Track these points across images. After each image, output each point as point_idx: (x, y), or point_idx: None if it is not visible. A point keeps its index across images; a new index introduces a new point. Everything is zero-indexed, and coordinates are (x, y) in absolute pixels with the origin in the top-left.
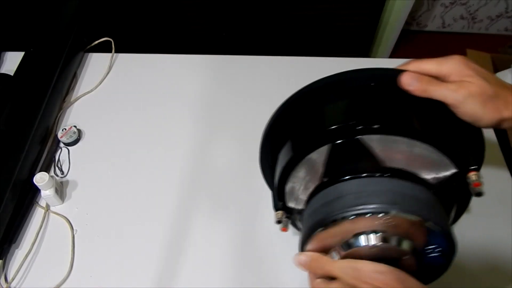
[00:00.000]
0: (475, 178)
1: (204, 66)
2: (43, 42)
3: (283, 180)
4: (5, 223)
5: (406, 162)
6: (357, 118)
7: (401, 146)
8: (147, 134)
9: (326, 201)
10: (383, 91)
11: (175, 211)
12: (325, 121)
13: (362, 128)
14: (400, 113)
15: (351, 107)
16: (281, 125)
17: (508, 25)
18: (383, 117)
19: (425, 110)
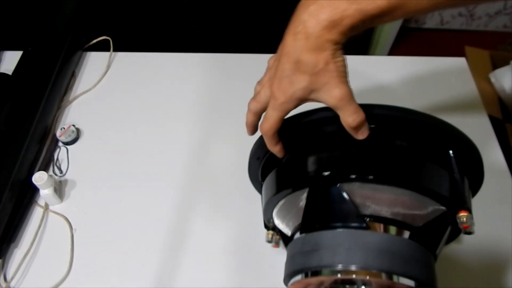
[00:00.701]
0: (464, 219)
1: (203, 65)
2: (41, 41)
3: (268, 208)
4: (4, 222)
5: (387, 208)
6: (334, 167)
7: (382, 193)
8: (146, 133)
9: (303, 250)
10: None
11: (174, 210)
12: (305, 165)
13: (339, 177)
14: (378, 160)
15: (330, 153)
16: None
17: (507, 22)
18: (361, 165)
19: (406, 153)
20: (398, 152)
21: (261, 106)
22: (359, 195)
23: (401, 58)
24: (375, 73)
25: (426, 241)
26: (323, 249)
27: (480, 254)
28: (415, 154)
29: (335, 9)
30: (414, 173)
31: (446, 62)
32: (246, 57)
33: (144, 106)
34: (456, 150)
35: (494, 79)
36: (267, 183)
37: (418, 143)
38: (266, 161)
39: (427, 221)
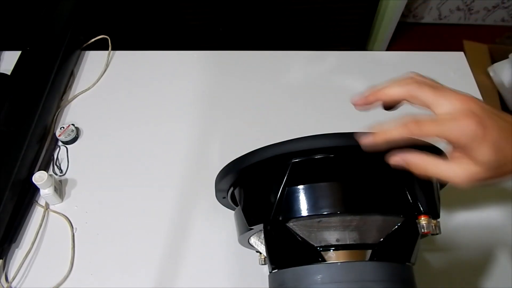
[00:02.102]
0: (424, 225)
1: (201, 62)
2: (40, 40)
3: (243, 241)
4: (5, 222)
5: (342, 233)
6: (276, 209)
7: (332, 222)
8: (145, 131)
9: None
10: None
11: (175, 208)
12: (254, 208)
13: (282, 218)
14: (319, 193)
15: (272, 195)
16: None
17: (505, 15)
18: (301, 204)
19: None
20: (338, 178)
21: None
22: (311, 228)
23: (399, 53)
24: (373, 68)
25: (392, 255)
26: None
27: (480, 254)
28: (355, 175)
29: None
30: (357, 197)
31: (444, 57)
32: (244, 54)
33: (143, 104)
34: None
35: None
36: (235, 220)
37: (358, 163)
38: (232, 198)
39: (388, 233)
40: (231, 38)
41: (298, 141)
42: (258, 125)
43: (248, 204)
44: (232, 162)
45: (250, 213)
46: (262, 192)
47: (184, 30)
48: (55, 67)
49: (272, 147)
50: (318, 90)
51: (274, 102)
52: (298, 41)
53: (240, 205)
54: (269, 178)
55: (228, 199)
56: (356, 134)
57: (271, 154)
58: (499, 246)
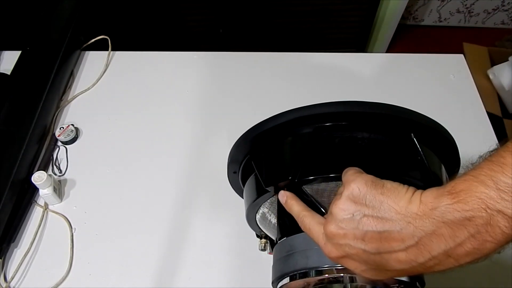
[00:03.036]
0: None
1: (201, 63)
2: (40, 40)
3: (251, 217)
4: (4, 222)
5: None
6: (293, 171)
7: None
8: (145, 131)
9: (282, 256)
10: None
11: (173, 209)
12: (270, 173)
13: (299, 180)
14: (337, 157)
15: (291, 158)
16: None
17: (505, 18)
18: (320, 165)
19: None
20: (357, 146)
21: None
22: (327, 193)
23: (399, 55)
24: (373, 70)
25: None
26: (297, 254)
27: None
28: (375, 146)
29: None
30: (377, 164)
31: (444, 59)
32: (244, 56)
33: (143, 105)
34: (420, 135)
35: (493, 75)
36: (245, 193)
37: (377, 134)
38: (243, 172)
39: None
40: (231, 39)
41: (323, 106)
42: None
43: (265, 166)
44: (252, 127)
45: (268, 174)
46: (281, 154)
47: (184, 31)
48: (55, 67)
49: (296, 111)
50: (318, 92)
51: (274, 103)
52: (298, 42)
53: (256, 169)
54: (289, 142)
55: (239, 173)
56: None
57: (294, 117)
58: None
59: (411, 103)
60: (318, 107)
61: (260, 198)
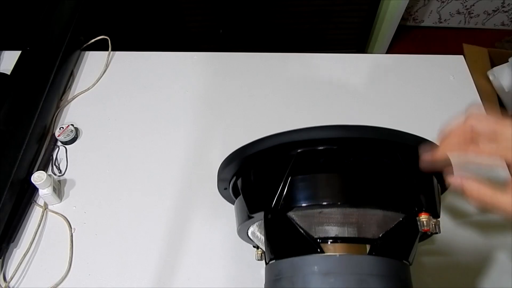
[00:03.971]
0: (424, 222)
1: (201, 64)
2: (40, 40)
3: (242, 233)
4: (4, 222)
5: (341, 226)
6: (277, 198)
7: (332, 214)
8: (145, 131)
9: (271, 279)
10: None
11: (173, 209)
12: (256, 197)
13: (283, 207)
14: (322, 184)
15: (275, 184)
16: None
17: (505, 19)
18: (304, 193)
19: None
20: (341, 170)
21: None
22: (311, 219)
23: (399, 56)
24: (373, 71)
25: (390, 251)
26: (284, 280)
27: (480, 254)
28: (362, 170)
29: None
30: (358, 189)
31: (444, 60)
32: (244, 56)
33: (143, 105)
34: (406, 153)
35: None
36: (235, 210)
37: (362, 156)
38: (233, 189)
39: (387, 229)
40: (231, 39)
41: (304, 131)
42: (257, 126)
43: (251, 192)
44: (237, 150)
45: (252, 200)
46: (265, 180)
47: (184, 31)
48: (55, 67)
49: (278, 136)
50: (318, 93)
51: (273, 104)
52: (298, 43)
53: (242, 194)
54: (273, 167)
55: (230, 190)
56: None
57: (277, 143)
58: (498, 248)
59: (411, 104)
60: (302, 132)
61: (249, 221)
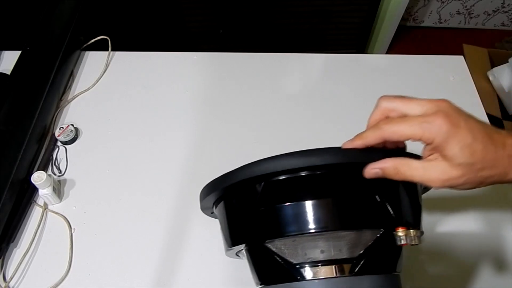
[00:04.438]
0: (401, 237)
1: (201, 64)
2: (40, 40)
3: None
4: (3, 222)
5: (321, 249)
6: (255, 230)
7: (309, 239)
8: (145, 132)
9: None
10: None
11: (173, 209)
12: (237, 227)
13: (260, 238)
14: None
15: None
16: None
17: (505, 20)
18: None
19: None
20: (305, 198)
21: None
22: (288, 246)
23: (399, 57)
24: (373, 71)
25: (373, 267)
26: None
27: (480, 254)
28: (338, 195)
29: None
30: (328, 215)
31: (444, 60)
32: (244, 56)
33: (143, 105)
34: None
35: (493, 77)
36: (221, 232)
37: (324, 180)
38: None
39: (366, 246)
40: (231, 40)
41: (263, 163)
42: (257, 126)
43: (226, 226)
44: (208, 184)
45: (229, 234)
46: (237, 213)
47: (184, 32)
48: (55, 67)
49: (239, 170)
50: (318, 93)
51: (273, 104)
52: (298, 43)
53: (220, 225)
54: (242, 200)
55: (216, 213)
56: (323, 151)
57: (238, 179)
58: (498, 248)
59: None
60: (268, 163)
61: (232, 249)
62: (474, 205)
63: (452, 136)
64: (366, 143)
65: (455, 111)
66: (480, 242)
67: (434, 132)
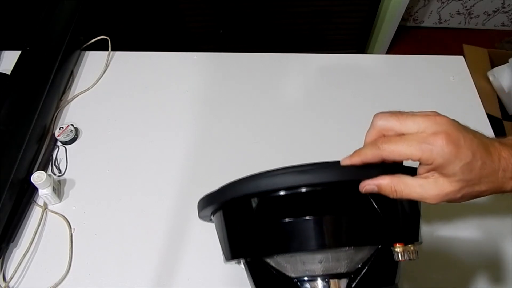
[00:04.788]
0: (399, 253)
1: (201, 64)
2: (40, 40)
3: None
4: (3, 222)
5: (319, 264)
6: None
7: (304, 257)
8: (144, 132)
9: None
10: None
11: (172, 209)
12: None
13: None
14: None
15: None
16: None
17: (505, 20)
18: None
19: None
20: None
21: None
22: (286, 261)
23: (399, 57)
24: (373, 71)
25: (368, 282)
26: None
27: (480, 254)
28: (321, 210)
29: None
30: (323, 232)
31: (444, 61)
32: (244, 56)
33: (143, 105)
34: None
35: (493, 77)
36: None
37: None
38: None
39: (365, 259)
40: (231, 40)
41: (255, 180)
42: (257, 126)
43: (224, 238)
44: (202, 198)
45: (225, 247)
46: (233, 227)
47: (184, 32)
48: (55, 67)
49: (232, 186)
50: (318, 93)
51: (273, 104)
52: (298, 43)
53: (218, 236)
54: (238, 214)
55: (214, 222)
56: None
57: (230, 197)
58: (498, 248)
59: (411, 105)
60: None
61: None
62: (473, 210)
63: (453, 157)
64: (364, 161)
65: (455, 127)
66: (479, 247)
67: (435, 154)
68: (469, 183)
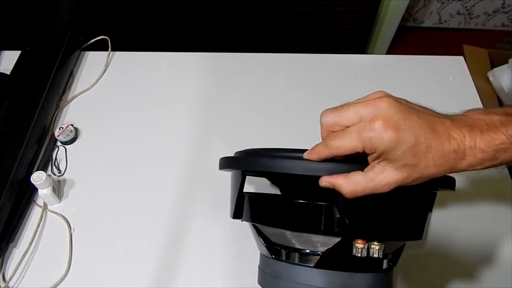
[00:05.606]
0: (359, 249)
1: (201, 64)
2: (40, 40)
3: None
4: (3, 222)
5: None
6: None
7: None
8: (144, 132)
9: (265, 270)
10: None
11: (173, 209)
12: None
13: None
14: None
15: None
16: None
17: (505, 20)
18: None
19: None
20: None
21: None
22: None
23: (399, 57)
24: (373, 71)
25: (332, 265)
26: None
27: (480, 254)
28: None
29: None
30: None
31: (444, 61)
32: (244, 56)
33: (142, 105)
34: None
35: (493, 77)
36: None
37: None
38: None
39: (331, 246)
40: (230, 40)
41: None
42: (257, 126)
43: (236, 200)
44: (224, 158)
45: (235, 208)
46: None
47: (184, 32)
48: (55, 67)
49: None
50: (318, 93)
51: (273, 104)
52: (298, 44)
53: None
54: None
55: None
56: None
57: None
58: (498, 248)
59: None
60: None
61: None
62: (473, 210)
63: (395, 142)
64: (321, 158)
65: (395, 110)
66: (479, 247)
67: (376, 142)
68: (416, 168)
